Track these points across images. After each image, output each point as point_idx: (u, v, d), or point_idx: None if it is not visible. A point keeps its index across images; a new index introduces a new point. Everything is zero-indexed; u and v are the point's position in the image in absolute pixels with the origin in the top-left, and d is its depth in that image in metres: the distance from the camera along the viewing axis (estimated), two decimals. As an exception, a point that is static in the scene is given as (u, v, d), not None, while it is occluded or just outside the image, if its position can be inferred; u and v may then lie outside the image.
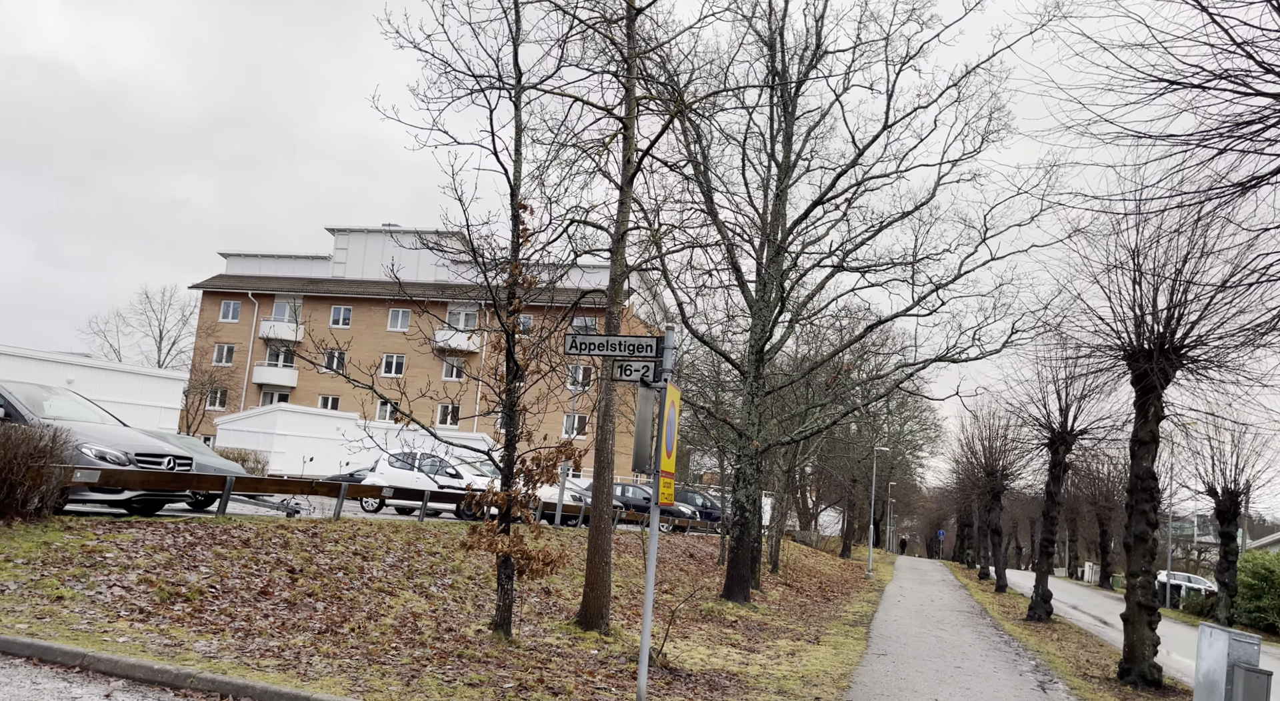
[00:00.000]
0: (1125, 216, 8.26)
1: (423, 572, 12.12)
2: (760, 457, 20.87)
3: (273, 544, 10.75)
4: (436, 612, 10.43)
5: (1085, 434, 24.00)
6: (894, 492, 74.07)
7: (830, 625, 17.35)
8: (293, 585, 9.50)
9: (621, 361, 7.25)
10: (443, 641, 8.79)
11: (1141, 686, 13.57)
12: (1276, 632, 30.42)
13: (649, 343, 7.18)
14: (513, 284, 9.66)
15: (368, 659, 7.27)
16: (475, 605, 11.48)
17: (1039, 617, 23.41)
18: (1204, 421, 15.78)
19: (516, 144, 9.78)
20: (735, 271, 18.93)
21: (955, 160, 18.05)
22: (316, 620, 8.47)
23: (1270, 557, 34.16)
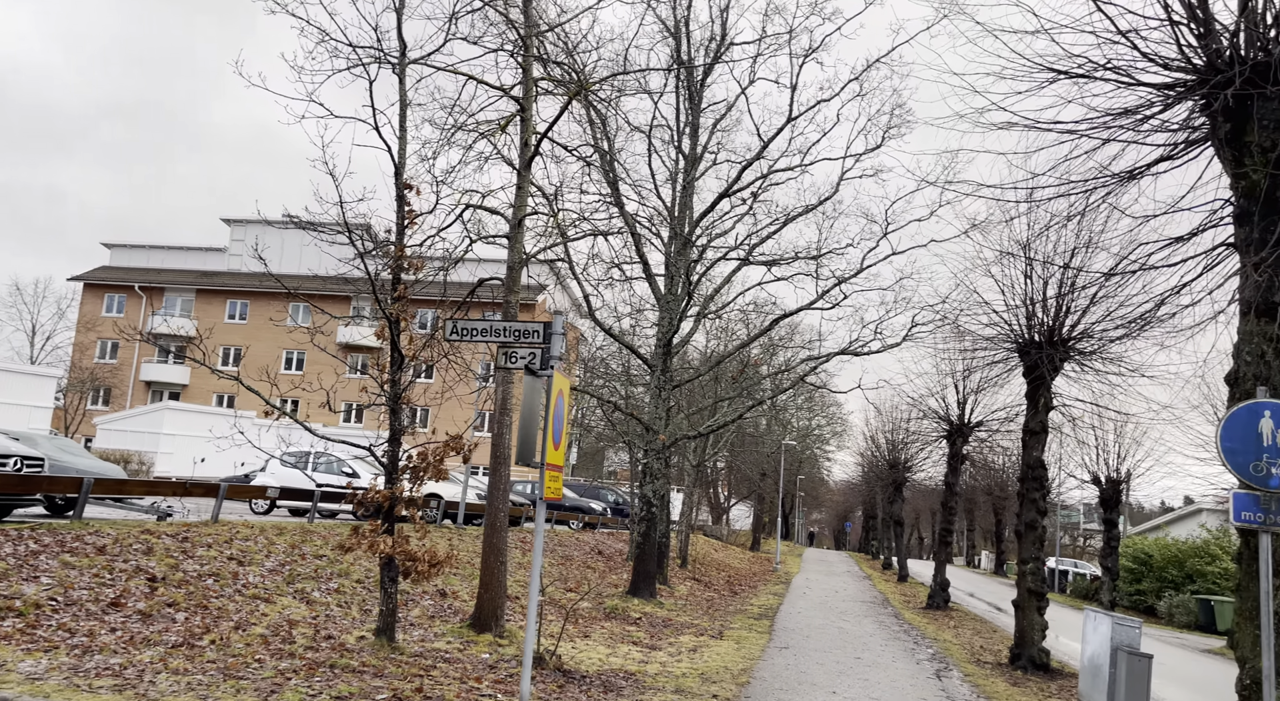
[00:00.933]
0: (1016, 204, 8.29)
1: (306, 577, 11.40)
2: (668, 452, 20.69)
3: (133, 550, 9.89)
4: (317, 619, 9.78)
5: (981, 426, 24.74)
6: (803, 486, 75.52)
7: (735, 619, 17.29)
8: (151, 595, 8.72)
9: (507, 348, 6.85)
10: (317, 650, 8.19)
11: (1031, 670, 13.91)
12: (1155, 614, 32.11)
13: (535, 328, 6.79)
14: (398, 268, 9.10)
15: (224, 674, 6.64)
16: (362, 610, 10.85)
17: (938, 606, 24.00)
18: (1089, 412, 16.33)
19: (401, 120, 9.23)
20: (643, 264, 18.68)
21: (858, 155, 18.24)
22: (173, 632, 7.76)
23: (1149, 543, 36.12)
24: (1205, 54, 7.03)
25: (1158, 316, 8.31)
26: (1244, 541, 6.88)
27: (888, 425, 36.33)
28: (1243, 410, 6.48)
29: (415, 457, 9.05)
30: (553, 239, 12.37)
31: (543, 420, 6.53)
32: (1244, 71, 6.60)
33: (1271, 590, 6.30)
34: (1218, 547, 31.47)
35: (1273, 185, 6.79)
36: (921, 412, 26.24)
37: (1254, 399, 6.51)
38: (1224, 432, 6.48)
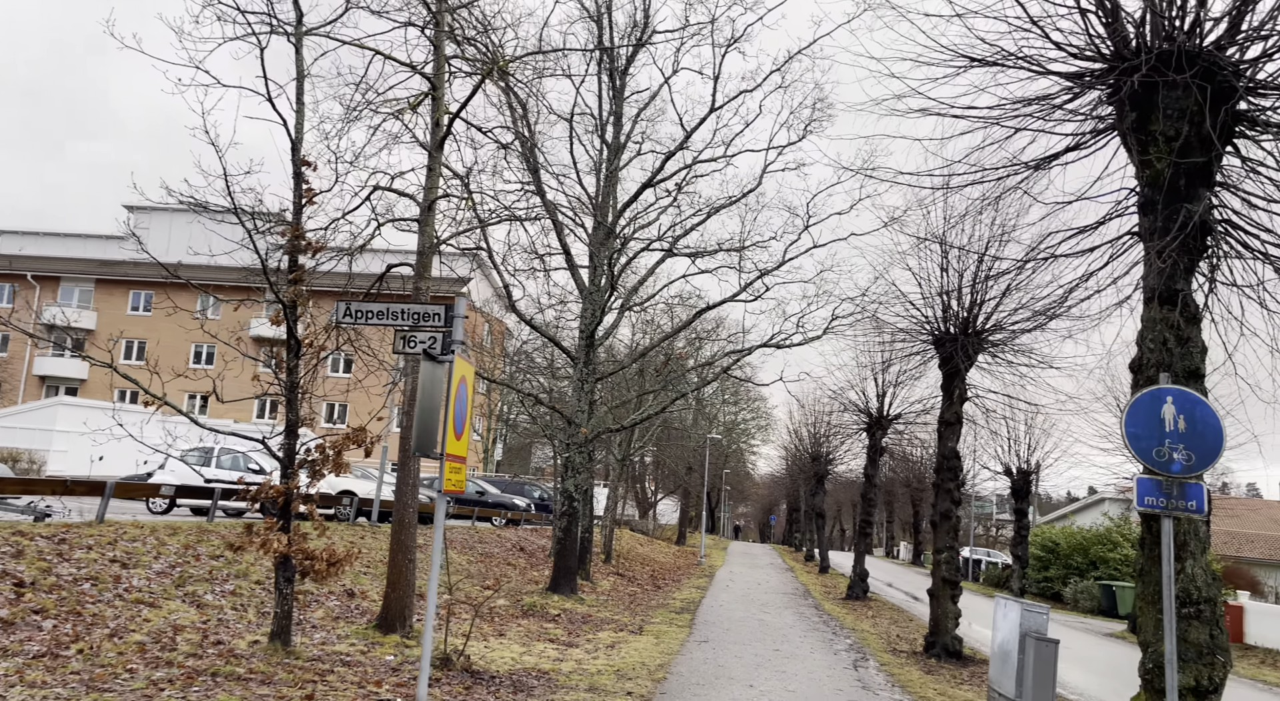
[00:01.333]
0: (933, 191, 8.26)
1: (199, 579, 10.72)
2: (590, 446, 20.38)
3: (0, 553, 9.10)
4: (207, 624, 9.17)
5: (900, 418, 25.18)
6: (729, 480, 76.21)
7: (657, 613, 17.13)
8: (17, 601, 8.00)
9: (406, 332, 6.45)
10: (201, 657, 7.63)
11: (944, 658, 14.11)
12: (1062, 599, 33.33)
13: (436, 311, 6.41)
14: (294, 249, 8.56)
15: (87, 686, 6.08)
16: (260, 613, 10.25)
17: (857, 596, 24.33)
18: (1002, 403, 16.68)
19: (298, 93, 8.68)
20: (565, 254, 18.32)
21: (781, 147, 18.24)
22: (37, 642, 7.11)
23: (1056, 531, 37.50)
24: (1112, 42, 7.08)
25: (1066, 305, 8.39)
26: (1146, 526, 6.97)
27: (810, 418, 36.80)
28: (1146, 396, 6.54)
29: (314, 451, 8.54)
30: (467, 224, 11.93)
31: (443, 408, 6.16)
32: (1149, 59, 6.65)
33: (1173, 574, 6.37)
34: (1119, 535, 32.85)
35: (1175, 174, 6.87)
36: (843, 406, 26.60)
37: (1157, 385, 6.58)
38: (1128, 419, 6.53)
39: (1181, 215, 6.75)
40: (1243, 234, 7.07)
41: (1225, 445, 6.37)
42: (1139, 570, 6.99)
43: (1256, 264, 7.11)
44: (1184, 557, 6.74)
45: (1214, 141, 6.67)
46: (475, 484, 32.96)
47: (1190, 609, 6.67)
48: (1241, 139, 7.08)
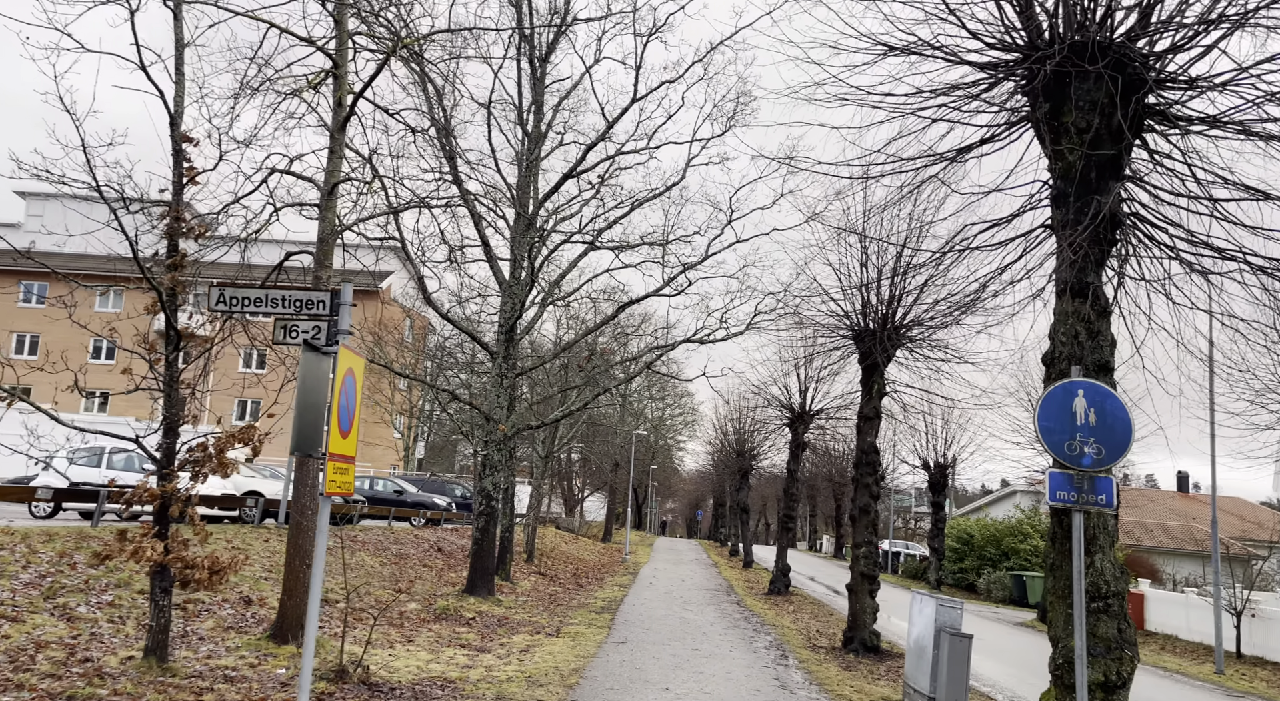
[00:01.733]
0: (852, 181, 8.10)
1: (73, 589, 9.89)
2: (511, 443, 19.87)
3: None
4: (77, 639, 8.41)
5: (822, 414, 25.37)
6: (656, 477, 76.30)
7: (576, 614, 16.76)
8: None
9: (287, 321, 5.93)
10: (61, 678, 6.93)
11: (862, 653, 14.13)
12: (975, 590, 34.23)
13: (320, 297, 5.90)
14: (173, 232, 7.89)
15: (-87, 718, 5.40)
16: (140, 627, 9.49)
17: (779, 591, 24.42)
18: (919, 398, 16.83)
19: (177, 62, 7.99)
20: (484, 245, 17.76)
21: (705, 140, 18.06)
22: None
23: (971, 524, 38.53)
24: (1026, 32, 7.01)
25: (982, 299, 8.33)
26: (1056, 520, 6.92)
27: (735, 414, 36.93)
28: (1058, 389, 6.48)
29: (196, 450, 7.89)
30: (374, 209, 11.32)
31: (327, 404, 5.67)
32: (1062, 49, 6.58)
33: (1084, 569, 6.32)
34: (1029, 526, 33.89)
35: (1087, 166, 6.83)
36: (766, 401, 26.67)
37: (1069, 379, 6.52)
38: (1041, 412, 6.46)
39: (1093, 207, 6.71)
40: (1150, 228, 7.09)
41: (1134, 438, 6.35)
42: (1050, 565, 6.94)
43: (1163, 258, 7.14)
44: (1093, 551, 6.70)
45: (1124, 133, 6.64)
46: (394, 483, 32.00)
47: (1099, 603, 6.64)
48: (1150, 133, 7.09)
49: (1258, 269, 6.32)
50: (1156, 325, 7.26)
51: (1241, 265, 6.38)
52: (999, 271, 7.79)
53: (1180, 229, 6.83)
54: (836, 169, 7.95)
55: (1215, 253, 6.62)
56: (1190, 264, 7.01)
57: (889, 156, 7.74)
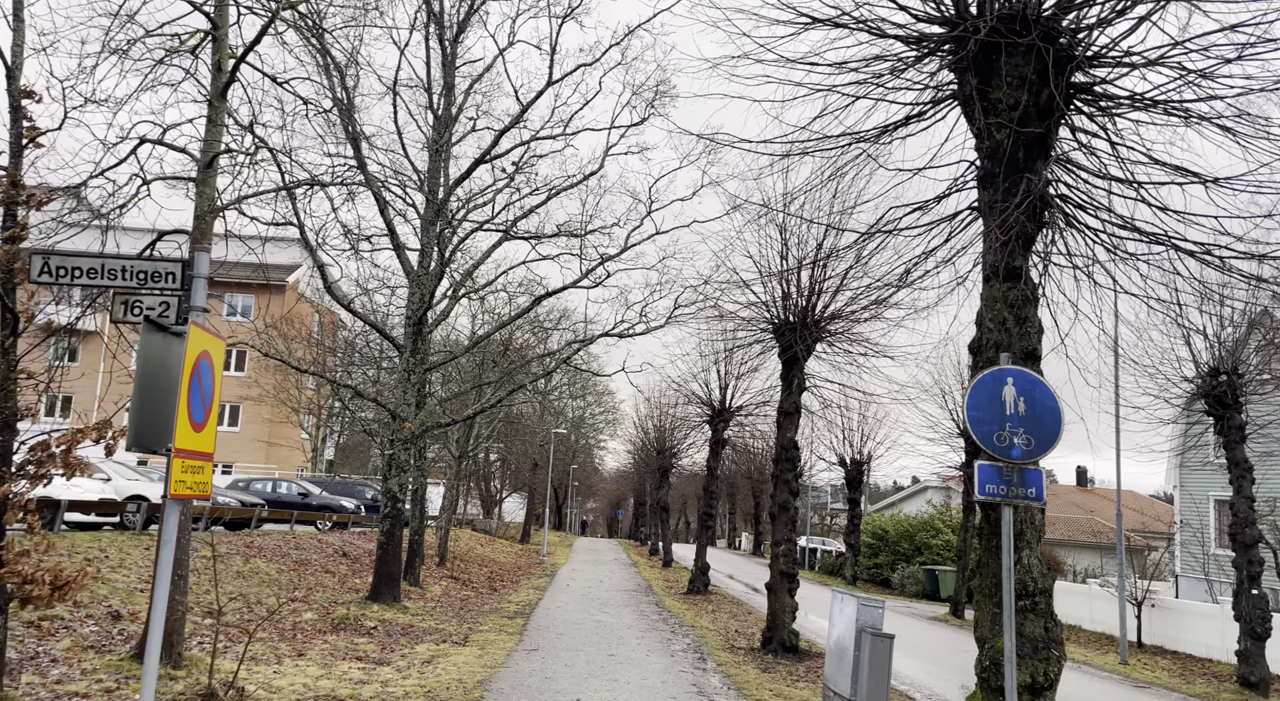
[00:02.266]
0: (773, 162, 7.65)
1: (-100, 610, 8.67)
2: (420, 442, 18.96)
3: None
4: (-104, 668, 7.29)
5: (742, 410, 25.16)
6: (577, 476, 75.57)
7: (487, 619, 16.00)
8: None
9: (128, 295, 5.11)
10: None
11: (781, 653, 13.82)
12: (890, 585, 34.69)
13: (169, 269, 5.10)
14: (10, 200, 6.88)
15: None
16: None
17: (698, 590, 24.09)
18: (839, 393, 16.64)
19: (15, 8, 6.99)
20: (390, 233, 16.81)
21: (624, 128, 17.55)
22: None
23: (885, 519, 39.13)
24: (954, 3, 6.68)
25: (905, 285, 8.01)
26: (985, 516, 6.61)
27: (656, 412, 36.57)
28: (987, 377, 6.16)
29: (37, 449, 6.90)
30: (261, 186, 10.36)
31: (177, 392, 4.88)
32: (990, 21, 6.26)
33: (1013, 566, 6.00)
34: (941, 521, 34.55)
35: (1015, 145, 6.54)
36: (686, 398, 26.33)
37: (998, 366, 6.20)
38: (970, 401, 6.12)
39: (1022, 186, 6.42)
40: (1076, 210, 6.85)
41: (1063, 429, 6.07)
42: (977, 562, 6.62)
43: (1088, 242, 6.91)
44: (1020, 547, 6.41)
45: (1054, 108, 6.38)
46: (299, 485, 30.51)
47: (1026, 601, 6.35)
48: (1078, 114, 6.86)
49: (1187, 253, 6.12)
50: (1083, 315, 7.05)
51: (1169, 249, 6.18)
52: (924, 256, 7.47)
53: (1108, 212, 6.60)
54: (757, 146, 7.50)
55: (1143, 237, 6.41)
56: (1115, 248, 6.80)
57: (812, 134, 7.33)
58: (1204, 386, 14.47)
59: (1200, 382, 14.54)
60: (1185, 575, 31.86)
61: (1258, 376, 14.42)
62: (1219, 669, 17.52)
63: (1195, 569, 30.36)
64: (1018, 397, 6.07)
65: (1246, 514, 13.75)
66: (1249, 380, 14.39)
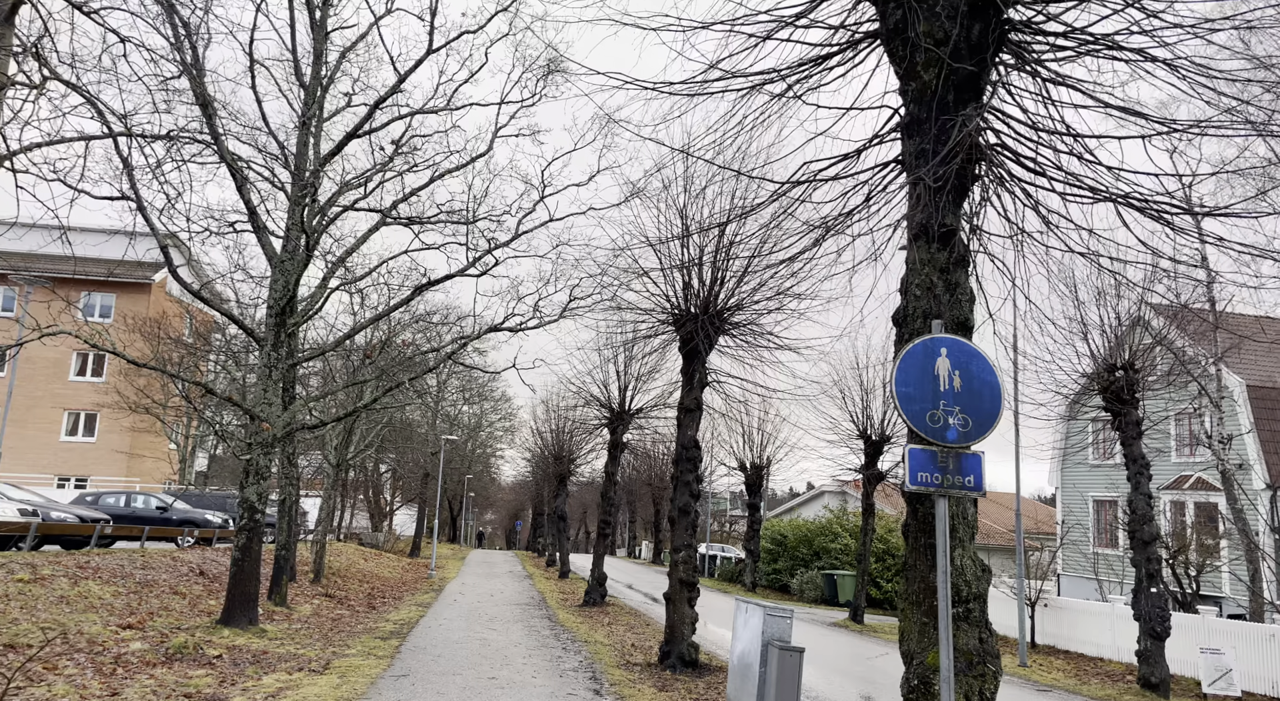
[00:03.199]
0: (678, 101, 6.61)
1: None
2: (286, 446, 17.15)
3: None
4: None
5: (641, 412, 24.20)
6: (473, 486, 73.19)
7: (358, 642, 14.39)
8: None
9: None
10: None
11: (680, 668, 12.82)
12: (789, 591, 34.39)
13: None
14: None
15: None
16: None
17: (594, 602, 22.94)
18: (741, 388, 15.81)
19: None
20: (250, 214, 15.05)
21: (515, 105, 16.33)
22: None
23: (784, 524, 38.92)
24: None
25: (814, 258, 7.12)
26: (911, 511, 5.73)
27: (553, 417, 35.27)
28: (919, 348, 5.28)
29: None
30: (48, 133, 8.67)
31: None
32: (922, -62, 5.42)
33: (949, 569, 5.12)
34: (839, 525, 34.48)
35: (945, 86, 5.73)
36: (584, 400, 25.18)
37: (930, 335, 5.34)
38: (899, 375, 5.22)
39: (954, 132, 5.59)
40: (1008, 162, 6.09)
41: (1003, 408, 5.24)
42: (902, 565, 5.74)
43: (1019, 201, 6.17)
44: (952, 546, 5.55)
45: (987, 43, 5.59)
46: (158, 498, 27.76)
47: (959, 608, 5.49)
48: (1012, 54, 6.11)
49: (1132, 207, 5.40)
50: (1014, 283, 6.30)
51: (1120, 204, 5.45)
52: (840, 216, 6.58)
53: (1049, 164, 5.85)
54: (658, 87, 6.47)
55: (1085, 191, 5.68)
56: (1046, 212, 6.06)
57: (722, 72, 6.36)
58: (1102, 381, 14.33)
59: (1099, 378, 14.40)
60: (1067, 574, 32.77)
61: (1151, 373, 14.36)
62: (1111, 667, 17.56)
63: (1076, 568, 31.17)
64: (952, 371, 5.21)
65: (1144, 510, 13.61)
66: (1144, 375, 14.32)
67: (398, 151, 16.61)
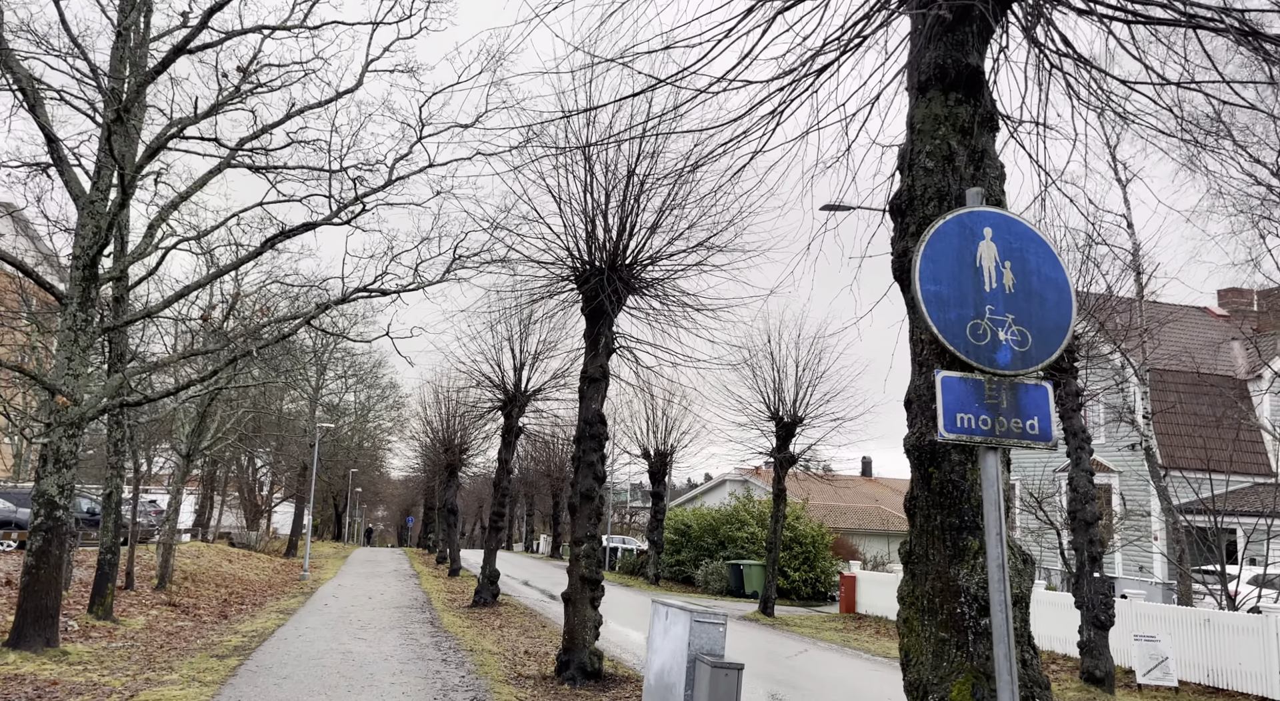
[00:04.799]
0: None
1: None
2: (82, 428, 14.23)
3: None
4: None
5: (540, 393, 22.12)
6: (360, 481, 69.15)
7: (189, 662, 11.83)
8: None
9: None
10: None
11: (581, 680, 10.89)
12: (693, 583, 32.92)
13: None
14: None
15: None
16: None
17: (485, 602, 20.76)
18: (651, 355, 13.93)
19: None
20: (50, 142, 12.21)
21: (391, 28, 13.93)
22: None
23: (688, 513, 37.48)
24: None
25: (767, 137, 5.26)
26: (922, 477, 3.95)
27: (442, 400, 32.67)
28: (951, 225, 3.51)
29: None
30: None
31: None
32: None
33: (1003, 558, 3.36)
34: (745, 513, 33.23)
35: None
36: (475, 382, 22.87)
37: (966, 209, 3.56)
38: (923, 265, 3.43)
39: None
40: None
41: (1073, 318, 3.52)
42: (908, 554, 3.97)
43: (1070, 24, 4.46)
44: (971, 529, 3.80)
45: None
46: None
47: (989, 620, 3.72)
48: None
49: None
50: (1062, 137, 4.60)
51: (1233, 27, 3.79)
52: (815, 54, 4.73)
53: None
54: None
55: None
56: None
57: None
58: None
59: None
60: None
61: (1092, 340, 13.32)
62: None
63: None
64: (1001, 262, 3.46)
65: (1086, 488, 12.53)
66: (1084, 343, 13.27)
67: (245, 80, 13.96)
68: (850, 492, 52.21)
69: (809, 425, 22.88)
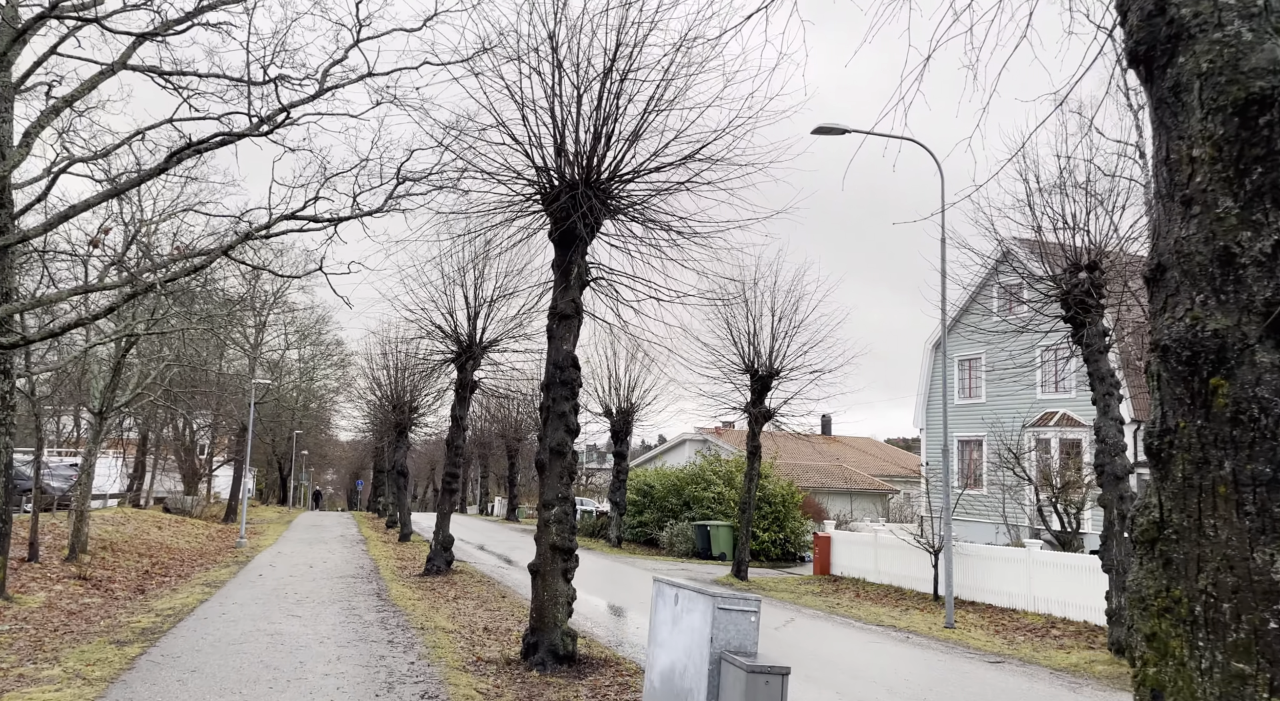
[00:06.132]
0: None
1: None
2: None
3: None
4: None
5: (497, 344, 20.25)
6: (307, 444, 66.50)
7: (82, 648, 9.94)
8: None
9: None
10: None
11: (552, 666, 9.29)
12: (658, 545, 31.63)
13: None
14: None
15: None
16: None
17: (438, 570, 19.05)
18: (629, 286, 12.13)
19: None
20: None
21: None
22: None
23: (651, 473, 36.09)
24: None
25: None
26: (1191, 397, 2.30)
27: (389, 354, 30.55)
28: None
29: None
30: None
31: None
32: None
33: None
34: (713, 473, 31.92)
35: None
36: (425, 331, 20.88)
37: None
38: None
39: None
40: None
41: None
42: (1147, 528, 2.30)
43: None
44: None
45: None
46: None
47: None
48: None
49: None
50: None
51: None
52: None
53: None
54: None
55: None
56: None
57: None
58: (1064, 284, 11.75)
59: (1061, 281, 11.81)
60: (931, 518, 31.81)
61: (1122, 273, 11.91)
62: (1029, 620, 15.58)
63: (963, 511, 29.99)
64: None
65: (1115, 439, 11.21)
66: (1111, 278, 11.87)
67: (147, -40, 11.65)
68: (812, 452, 51.41)
69: (786, 379, 21.43)
